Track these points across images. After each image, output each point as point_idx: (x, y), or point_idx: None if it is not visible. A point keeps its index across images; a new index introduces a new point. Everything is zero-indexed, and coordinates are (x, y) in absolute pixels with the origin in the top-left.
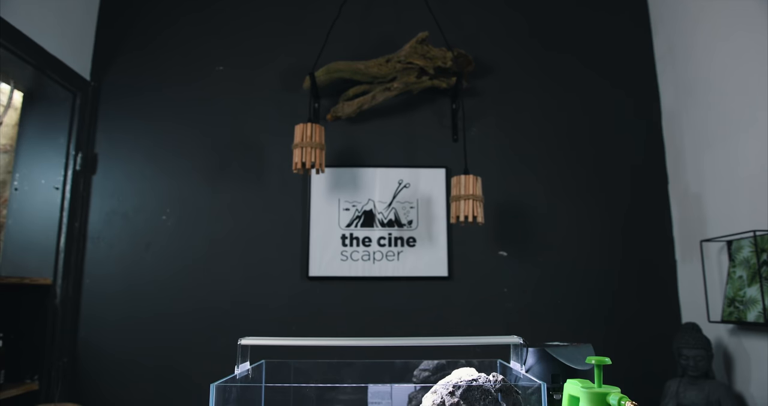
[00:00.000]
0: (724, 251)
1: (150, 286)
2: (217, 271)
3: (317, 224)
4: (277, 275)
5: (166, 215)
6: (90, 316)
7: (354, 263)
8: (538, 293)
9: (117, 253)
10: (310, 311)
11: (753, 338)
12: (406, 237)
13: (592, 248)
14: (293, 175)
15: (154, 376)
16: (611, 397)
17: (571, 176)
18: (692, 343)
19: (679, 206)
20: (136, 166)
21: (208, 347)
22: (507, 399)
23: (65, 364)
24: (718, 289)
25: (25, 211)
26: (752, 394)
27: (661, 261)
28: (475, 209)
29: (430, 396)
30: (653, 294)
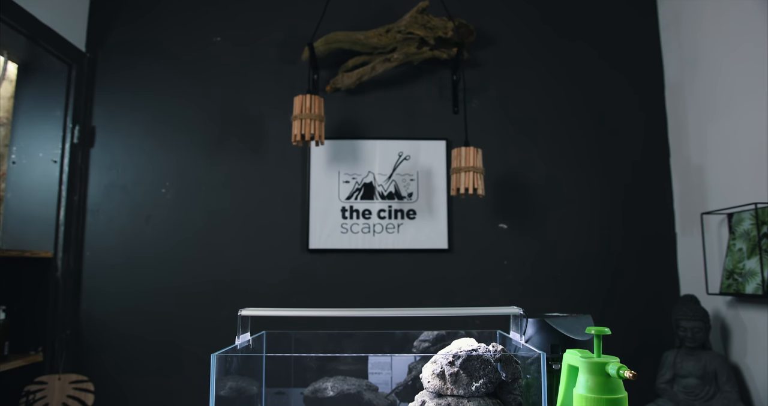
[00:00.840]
0: (725, 224)
1: (150, 258)
2: (217, 244)
3: (317, 196)
4: (277, 247)
5: (165, 187)
6: (91, 288)
7: (354, 235)
8: (537, 266)
9: (117, 226)
10: (310, 284)
11: (751, 309)
12: (406, 209)
13: (592, 220)
14: (292, 148)
15: (156, 348)
16: (610, 366)
17: (572, 149)
18: (690, 315)
19: (680, 178)
20: (134, 139)
21: (208, 320)
22: (506, 369)
23: (68, 336)
24: (717, 262)
25: (23, 184)
26: (748, 364)
27: (661, 234)
28: (475, 181)
29: (430, 366)
30: (652, 266)
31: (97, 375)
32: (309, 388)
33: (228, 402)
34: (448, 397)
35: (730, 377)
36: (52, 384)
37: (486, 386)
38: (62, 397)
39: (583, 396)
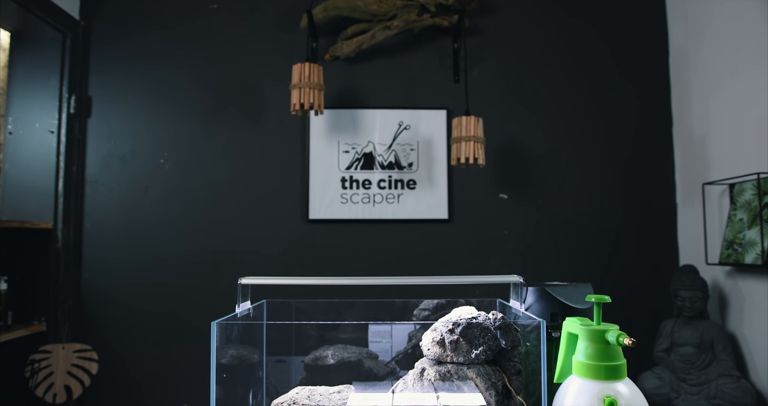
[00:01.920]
0: (726, 194)
1: (150, 229)
2: (217, 214)
3: (317, 166)
4: (277, 218)
5: (163, 158)
6: (92, 259)
7: (354, 205)
8: (538, 236)
9: (116, 196)
10: (310, 254)
11: (749, 279)
12: (406, 180)
13: (592, 190)
14: (291, 117)
15: (157, 318)
16: (610, 334)
17: (573, 118)
18: (689, 284)
19: (682, 148)
20: (131, 110)
21: (208, 290)
22: (506, 336)
23: (71, 306)
24: (717, 232)
25: (21, 155)
26: (744, 333)
27: (661, 204)
28: (476, 150)
29: (430, 334)
30: (652, 237)
31: (99, 345)
32: (309, 356)
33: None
34: (447, 364)
35: (727, 345)
36: (56, 353)
37: (486, 353)
38: (67, 365)
39: (582, 363)
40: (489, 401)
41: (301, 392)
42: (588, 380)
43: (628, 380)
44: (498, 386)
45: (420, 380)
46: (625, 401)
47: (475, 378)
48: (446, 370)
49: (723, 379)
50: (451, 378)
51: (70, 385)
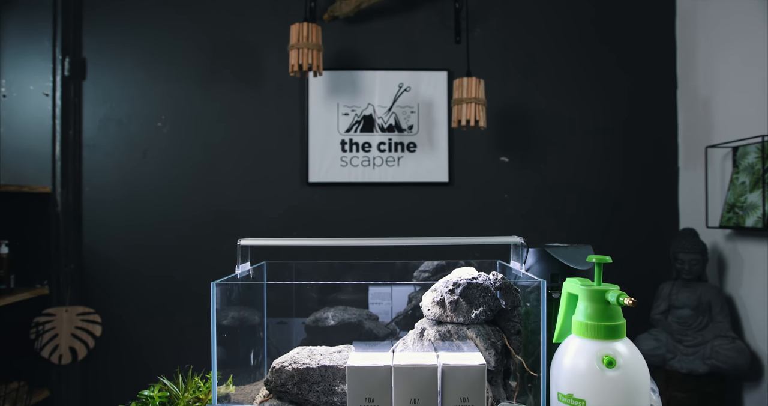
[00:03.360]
0: (729, 158)
1: (149, 193)
2: (215, 178)
3: (316, 129)
4: (276, 181)
5: (161, 121)
6: (92, 223)
7: (354, 168)
8: (538, 199)
9: (114, 160)
10: (310, 218)
11: (749, 243)
12: (406, 142)
13: (594, 153)
14: (290, 80)
15: (157, 281)
16: (610, 294)
17: (576, 80)
18: (688, 248)
19: (686, 111)
20: (126, 72)
21: (208, 253)
22: (506, 297)
23: (72, 270)
24: (718, 196)
25: (16, 118)
26: (741, 296)
27: (663, 167)
28: (477, 112)
29: (430, 294)
30: (653, 200)
31: (102, 307)
32: (310, 317)
33: (230, 331)
34: (447, 324)
35: (724, 308)
36: (60, 316)
37: (485, 313)
38: (71, 328)
39: (582, 323)
40: (488, 361)
41: (302, 351)
42: (587, 340)
43: (627, 340)
44: (497, 345)
45: (420, 340)
46: (623, 360)
47: (474, 338)
48: (446, 330)
49: (718, 340)
50: (451, 338)
51: (75, 347)
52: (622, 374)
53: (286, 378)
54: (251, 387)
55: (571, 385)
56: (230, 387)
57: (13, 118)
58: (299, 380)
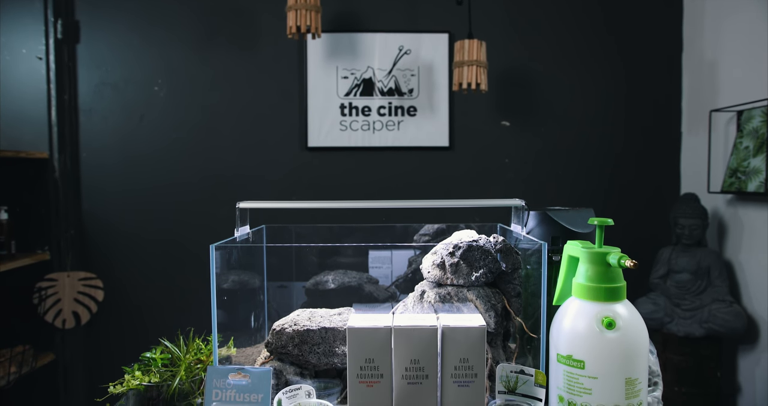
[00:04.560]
0: (733, 122)
1: (147, 158)
2: (214, 143)
3: (315, 93)
4: (276, 146)
5: (157, 86)
6: (91, 189)
7: (353, 132)
8: (539, 163)
9: (111, 125)
10: (309, 183)
11: (750, 207)
12: (406, 106)
13: (596, 117)
14: (288, 42)
15: (158, 245)
16: (611, 256)
17: (579, 42)
18: (689, 212)
19: (691, 74)
20: (120, 36)
21: (208, 218)
22: (507, 259)
23: (73, 235)
24: (721, 161)
25: (10, 82)
26: (741, 261)
27: (666, 132)
28: (478, 75)
29: (430, 257)
30: (655, 165)
31: (103, 273)
32: (310, 281)
33: (230, 294)
34: (447, 286)
35: (722, 272)
36: (62, 281)
37: (486, 275)
38: (73, 293)
39: (583, 285)
40: (488, 323)
41: (302, 314)
42: (587, 302)
43: (627, 302)
44: (497, 307)
45: (420, 302)
46: (623, 322)
47: (474, 300)
48: (446, 292)
49: (716, 304)
50: (451, 300)
51: (77, 311)
52: (621, 336)
53: (286, 340)
54: (252, 349)
55: (571, 346)
56: (231, 349)
57: (6, 82)
58: (300, 341)
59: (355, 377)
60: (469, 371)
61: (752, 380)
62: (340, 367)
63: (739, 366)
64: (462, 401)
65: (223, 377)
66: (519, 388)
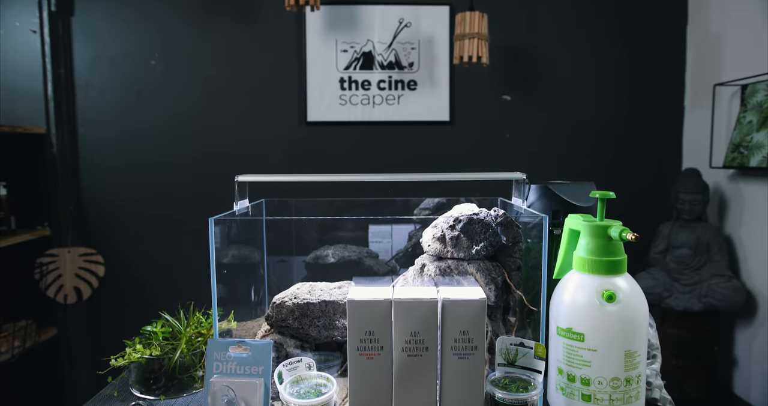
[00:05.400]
0: (737, 96)
1: (146, 133)
2: (212, 117)
3: (314, 66)
4: (275, 120)
5: (154, 60)
6: (90, 164)
7: (353, 107)
8: (541, 138)
9: (108, 100)
10: (309, 158)
11: (752, 183)
12: (406, 80)
13: (598, 92)
14: (286, 15)
15: (158, 221)
16: (612, 229)
17: (581, 15)
18: (691, 187)
19: (695, 48)
20: (115, 8)
21: (207, 193)
22: (507, 233)
23: (72, 211)
24: (723, 136)
25: (4, 56)
26: (741, 236)
27: (669, 107)
28: (480, 48)
29: (431, 230)
30: (657, 140)
31: (103, 248)
32: (310, 255)
33: (230, 268)
34: (448, 260)
35: (722, 247)
36: (63, 257)
37: (486, 249)
38: (74, 268)
39: (583, 258)
40: (488, 296)
41: (302, 287)
42: (588, 275)
43: (628, 275)
44: (498, 281)
45: (420, 276)
46: (623, 295)
47: (475, 273)
48: (446, 265)
49: (715, 279)
50: (451, 273)
51: (79, 287)
52: (621, 309)
53: (286, 313)
54: (252, 323)
55: (571, 319)
56: (232, 323)
57: (1, 56)
58: (300, 315)
59: (355, 350)
60: (469, 343)
61: (749, 353)
62: (340, 340)
63: (737, 340)
64: (462, 373)
65: (224, 349)
66: (518, 360)
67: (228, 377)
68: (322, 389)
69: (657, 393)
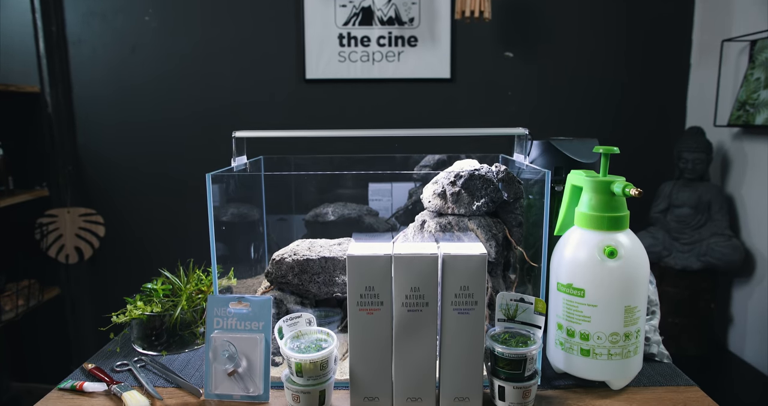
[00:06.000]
0: (745, 53)
1: (142, 90)
2: (209, 75)
3: (312, 22)
4: (273, 78)
5: (148, 15)
6: (86, 123)
7: (352, 64)
8: (543, 96)
9: (102, 57)
10: (308, 116)
11: (756, 141)
12: (407, 36)
13: (602, 48)
14: None
15: (157, 179)
16: (615, 185)
17: None
18: (694, 146)
19: (704, 2)
20: None
21: (206, 150)
22: (509, 189)
23: (70, 171)
24: (729, 94)
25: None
26: (742, 195)
27: (675, 63)
28: (481, 2)
29: (431, 186)
30: (661, 97)
31: (103, 208)
32: (310, 213)
33: (230, 226)
34: (448, 216)
35: (723, 207)
36: (63, 217)
37: (487, 205)
38: (74, 229)
39: (586, 214)
40: (489, 252)
41: (302, 244)
42: (590, 231)
43: (629, 232)
44: (498, 237)
45: (420, 232)
46: (625, 251)
47: (475, 229)
48: (447, 222)
49: (715, 238)
50: (452, 230)
51: (80, 247)
52: (622, 265)
53: (286, 270)
54: (253, 281)
55: (572, 275)
56: (232, 280)
57: None
58: (299, 271)
59: (355, 305)
60: (470, 298)
61: (745, 311)
62: (340, 296)
63: (733, 298)
64: (462, 328)
65: (224, 305)
66: (518, 316)
67: (229, 333)
68: (322, 343)
69: (655, 348)
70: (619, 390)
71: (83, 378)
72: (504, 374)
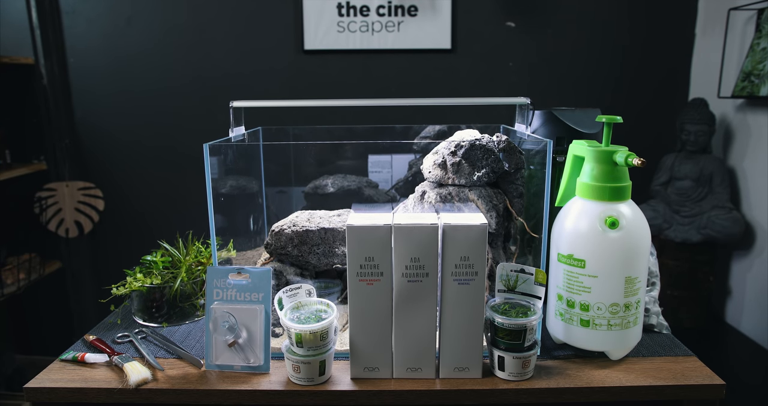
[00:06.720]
0: (752, 22)
1: (138, 61)
2: (206, 46)
3: None
4: (270, 49)
5: None
6: (82, 95)
7: (351, 34)
8: (544, 68)
9: (97, 28)
10: (306, 87)
11: (760, 113)
12: (407, 5)
13: (605, 17)
14: None
15: (155, 152)
16: (618, 154)
17: None
18: (697, 118)
19: None
20: None
21: (203, 121)
22: (510, 159)
23: (68, 145)
24: (734, 65)
25: None
26: (744, 167)
27: (679, 33)
28: None
29: (431, 157)
30: (664, 68)
31: (101, 181)
32: (309, 185)
33: (229, 198)
34: (449, 186)
35: (725, 179)
36: (61, 191)
37: (488, 175)
38: (73, 203)
39: (588, 184)
40: (490, 223)
41: (301, 215)
42: (591, 201)
43: (631, 202)
44: (499, 208)
45: (420, 203)
46: (626, 222)
47: (476, 200)
48: (447, 192)
49: (715, 210)
50: (452, 200)
51: (80, 221)
52: (624, 236)
53: (285, 241)
54: (252, 252)
55: (572, 246)
56: (231, 252)
57: None
58: (299, 242)
59: (355, 276)
60: (470, 269)
61: (743, 284)
62: (340, 268)
63: (732, 271)
64: (462, 298)
65: (224, 277)
66: (519, 287)
67: (228, 304)
68: (322, 314)
69: (654, 319)
70: (618, 360)
71: (85, 350)
72: (504, 345)
